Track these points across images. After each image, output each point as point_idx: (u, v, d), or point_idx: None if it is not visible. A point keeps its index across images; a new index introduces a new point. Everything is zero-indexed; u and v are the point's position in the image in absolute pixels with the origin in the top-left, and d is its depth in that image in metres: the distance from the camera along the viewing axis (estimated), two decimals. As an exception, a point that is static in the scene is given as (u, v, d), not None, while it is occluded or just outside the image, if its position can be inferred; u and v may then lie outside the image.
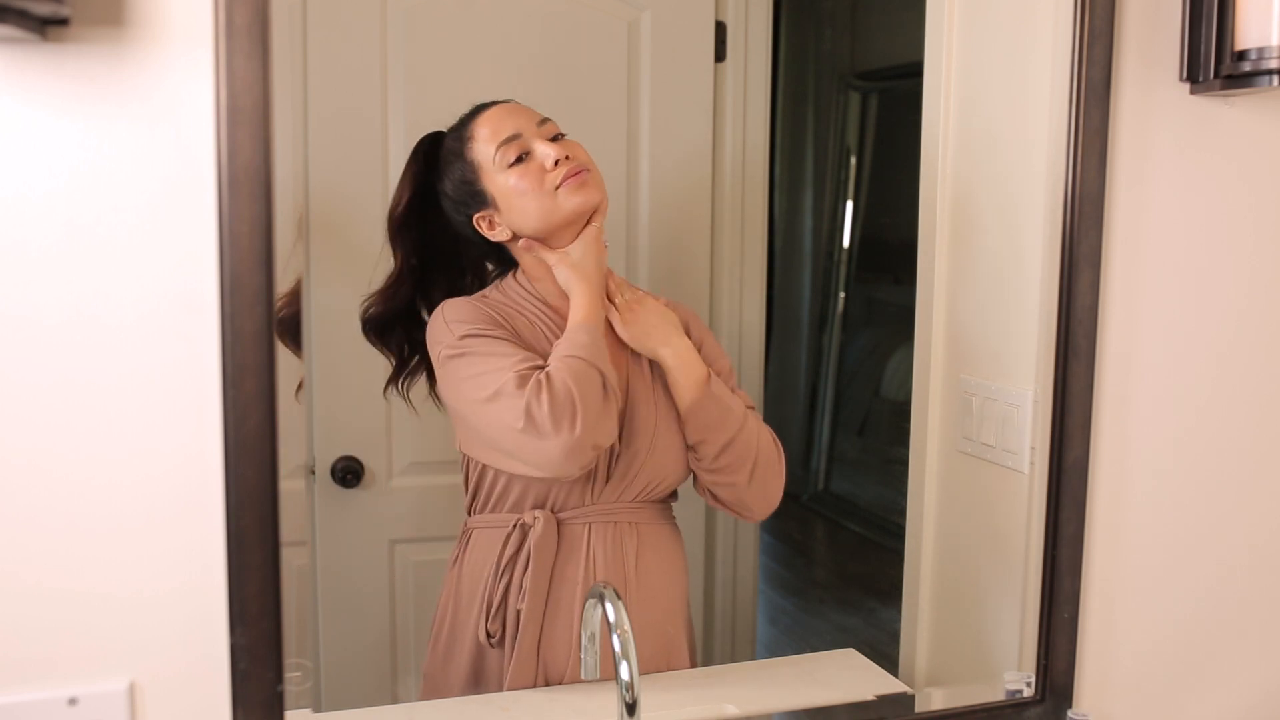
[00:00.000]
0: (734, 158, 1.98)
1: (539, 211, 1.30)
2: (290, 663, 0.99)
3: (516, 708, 1.28)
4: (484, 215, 1.34)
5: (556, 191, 1.30)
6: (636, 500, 1.35)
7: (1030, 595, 1.27)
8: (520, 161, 1.30)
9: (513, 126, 1.32)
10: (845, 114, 3.80)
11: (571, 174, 1.30)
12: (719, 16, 1.95)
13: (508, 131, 1.31)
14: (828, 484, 3.84)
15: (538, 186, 1.29)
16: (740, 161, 1.99)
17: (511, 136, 1.31)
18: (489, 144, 1.31)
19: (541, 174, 1.30)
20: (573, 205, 1.30)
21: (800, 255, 3.99)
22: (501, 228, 1.33)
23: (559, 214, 1.30)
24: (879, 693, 1.32)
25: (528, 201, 1.30)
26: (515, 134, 1.31)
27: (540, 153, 1.30)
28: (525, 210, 1.30)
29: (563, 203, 1.30)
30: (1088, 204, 1.19)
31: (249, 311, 0.92)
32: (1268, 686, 1.41)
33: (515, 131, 1.31)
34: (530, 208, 1.30)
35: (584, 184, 1.30)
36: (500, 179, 1.31)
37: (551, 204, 1.30)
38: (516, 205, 1.31)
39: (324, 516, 1.71)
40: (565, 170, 1.30)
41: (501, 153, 1.31)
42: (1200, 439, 1.32)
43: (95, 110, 0.89)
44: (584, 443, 1.20)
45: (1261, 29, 1.15)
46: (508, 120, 1.32)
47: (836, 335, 3.83)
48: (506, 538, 1.33)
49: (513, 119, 1.32)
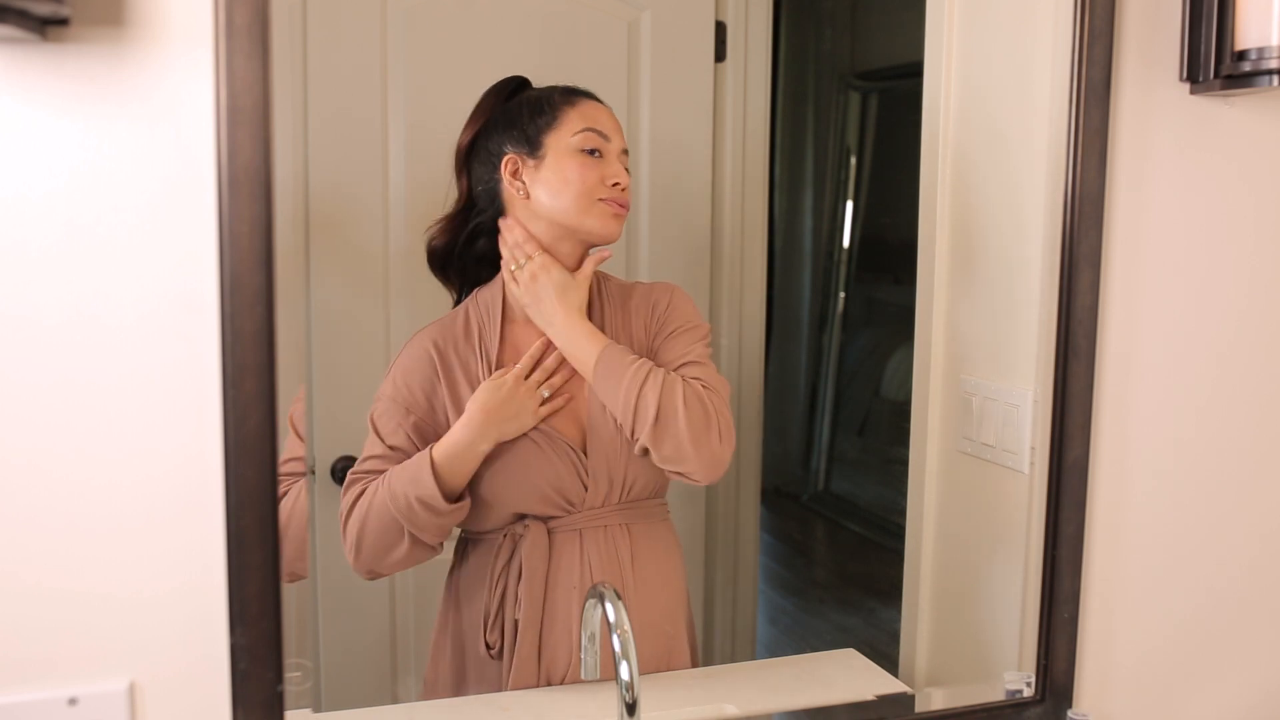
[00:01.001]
0: (734, 158, 1.98)
1: (572, 206, 1.30)
2: (290, 663, 0.99)
3: (517, 708, 1.28)
4: (517, 159, 1.32)
5: (597, 204, 1.30)
6: (623, 502, 1.35)
7: (1030, 595, 1.27)
8: (591, 155, 1.31)
9: (608, 128, 1.33)
10: (845, 114, 3.80)
11: (619, 201, 1.32)
12: (719, 16, 1.95)
13: (603, 127, 1.33)
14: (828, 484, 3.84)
15: (589, 187, 1.30)
16: (740, 161, 1.99)
17: (603, 134, 1.32)
18: (583, 121, 1.32)
19: (599, 181, 1.31)
20: (598, 226, 1.31)
21: (800, 255, 3.99)
22: (522, 183, 1.32)
23: (582, 222, 1.31)
24: (879, 693, 1.32)
25: (570, 190, 1.30)
26: (606, 135, 1.32)
27: (612, 165, 1.32)
28: (560, 194, 1.30)
29: (594, 218, 1.31)
30: (1088, 204, 1.19)
31: (249, 311, 0.92)
32: (1268, 686, 1.41)
33: (607, 133, 1.33)
34: (567, 196, 1.30)
35: (618, 216, 1.32)
36: (566, 152, 1.31)
37: (585, 208, 1.30)
38: (556, 184, 1.30)
39: (324, 516, 1.71)
40: (618, 196, 1.31)
41: (584, 136, 1.31)
42: (1200, 439, 1.32)
43: (95, 110, 0.89)
44: (358, 568, 1.32)
45: (1261, 29, 1.15)
46: (607, 121, 1.34)
47: (836, 335, 3.82)
48: (498, 548, 1.33)
49: (611, 123, 1.34)
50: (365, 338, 1.70)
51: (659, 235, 1.90)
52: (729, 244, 1.99)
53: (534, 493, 1.31)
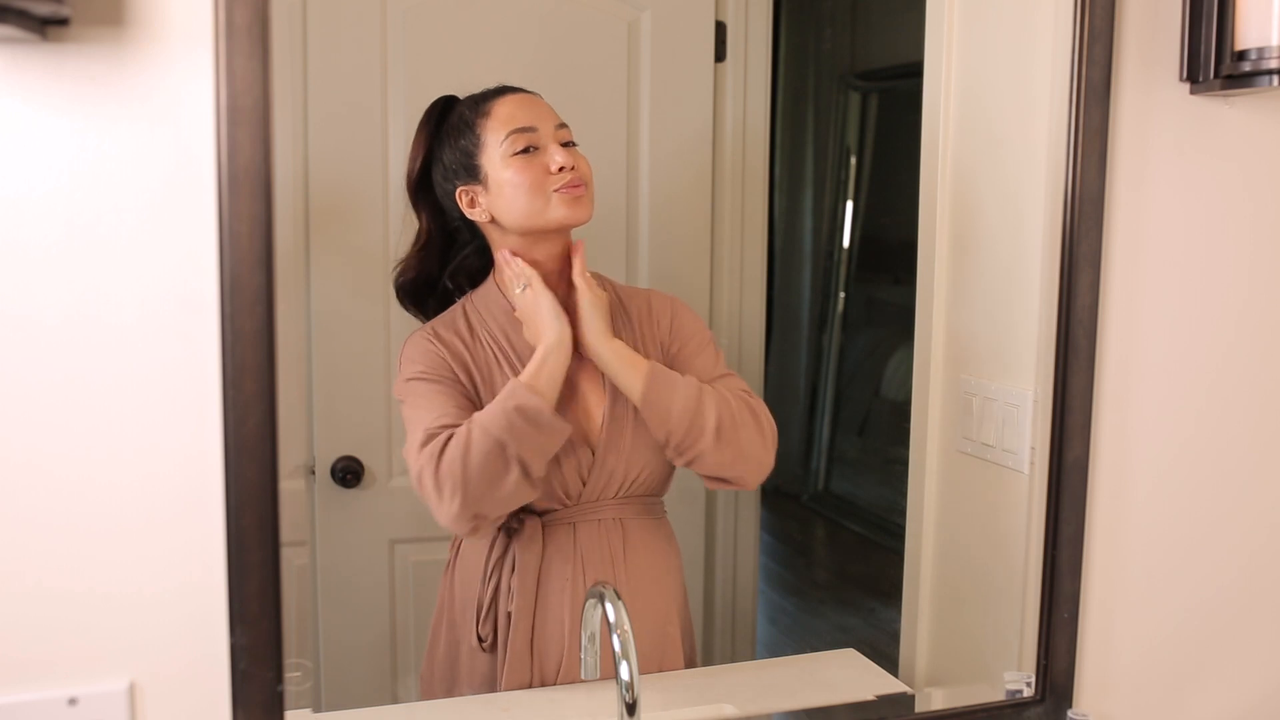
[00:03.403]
0: (734, 158, 1.98)
1: (527, 209, 1.29)
2: (290, 663, 0.99)
3: (517, 708, 1.28)
4: (469, 190, 1.32)
5: (551, 196, 1.29)
6: (619, 497, 1.35)
7: (1030, 595, 1.27)
8: (526, 153, 1.29)
9: (531, 118, 1.31)
10: (845, 114, 3.81)
11: (571, 185, 1.29)
12: (719, 16, 1.95)
13: (525, 121, 1.30)
14: (828, 484, 3.84)
15: (535, 184, 1.28)
16: (740, 162, 1.99)
17: (527, 128, 1.30)
18: (503, 126, 1.30)
19: (544, 174, 1.29)
20: (561, 215, 1.29)
21: (800, 255, 3.99)
22: (481, 209, 1.32)
23: (545, 219, 1.29)
24: (879, 693, 1.32)
25: (520, 195, 1.29)
26: (531, 126, 1.30)
27: (549, 153, 1.29)
28: (514, 202, 1.29)
29: (553, 210, 1.29)
30: (1088, 204, 1.19)
31: (249, 311, 0.92)
32: (1268, 686, 1.41)
33: (532, 124, 1.30)
34: (520, 202, 1.29)
35: (579, 199, 1.30)
36: (500, 164, 1.29)
37: (542, 206, 1.29)
38: (508, 195, 1.29)
39: (324, 516, 1.71)
40: (567, 179, 1.29)
41: (512, 139, 1.29)
42: (1200, 439, 1.32)
43: (95, 110, 0.89)
44: (464, 514, 1.22)
45: (1261, 29, 1.15)
46: (529, 110, 1.31)
47: (836, 335, 3.83)
48: (493, 541, 1.33)
49: (534, 111, 1.31)
50: (365, 338, 1.70)
51: (659, 235, 1.90)
52: (729, 244, 1.99)
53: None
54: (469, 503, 1.21)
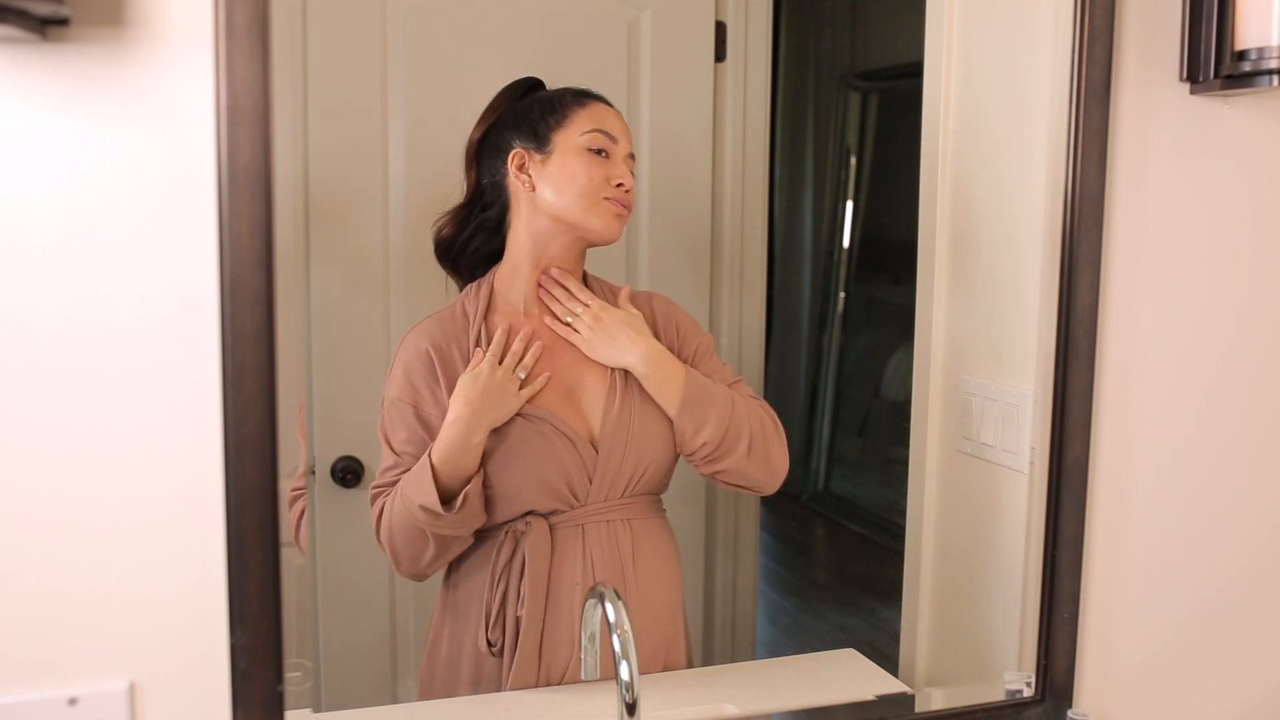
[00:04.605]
0: (734, 158, 1.98)
1: (575, 202, 1.31)
2: (290, 663, 0.99)
3: (517, 708, 1.28)
4: (526, 154, 1.34)
5: (601, 202, 1.32)
6: (625, 496, 1.35)
7: (1030, 595, 1.27)
8: (598, 154, 1.33)
9: (616, 130, 1.35)
10: (845, 114, 3.80)
11: (621, 202, 1.33)
12: (719, 16, 1.95)
13: (611, 129, 1.34)
14: (828, 484, 3.84)
15: (593, 184, 1.31)
16: (740, 161, 1.99)
17: (611, 135, 1.34)
18: (592, 121, 1.33)
19: (604, 180, 1.32)
20: (598, 224, 1.32)
21: (800, 255, 3.99)
22: (528, 177, 1.34)
23: (585, 218, 1.32)
24: (879, 693, 1.32)
25: (575, 185, 1.31)
26: (615, 137, 1.34)
27: (617, 166, 1.34)
28: (567, 188, 1.31)
29: (596, 215, 1.32)
30: (1088, 204, 1.19)
31: (249, 311, 0.92)
32: (1268, 686, 1.41)
33: (616, 136, 1.34)
34: (572, 192, 1.31)
35: (620, 217, 1.34)
36: (573, 150, 1.32)
37: (588, 206, 1.31)
38: (565, 179, 1.32)
39: (324, 516, 1.71)
40: (621, 197, 1.33)
41: (593, 135, 1.33)
42: (1200, 439, 1.32)
43: (95, 110, 0.89)
44: (404, 574, 1.34)
45: (1261, 29, 1.15)
46: (616, 124, 1.36)
47: (836, 335, 3.82)
48: (499, 545, 1.33)
49: (619, 126, 1.36)
50: (365, 337, 1.71)
51: (659, 235, 1.90)
52: (729, 244, 1.99)
53: (540, 486, 1.31)
54: (404, 569, 1.33)
